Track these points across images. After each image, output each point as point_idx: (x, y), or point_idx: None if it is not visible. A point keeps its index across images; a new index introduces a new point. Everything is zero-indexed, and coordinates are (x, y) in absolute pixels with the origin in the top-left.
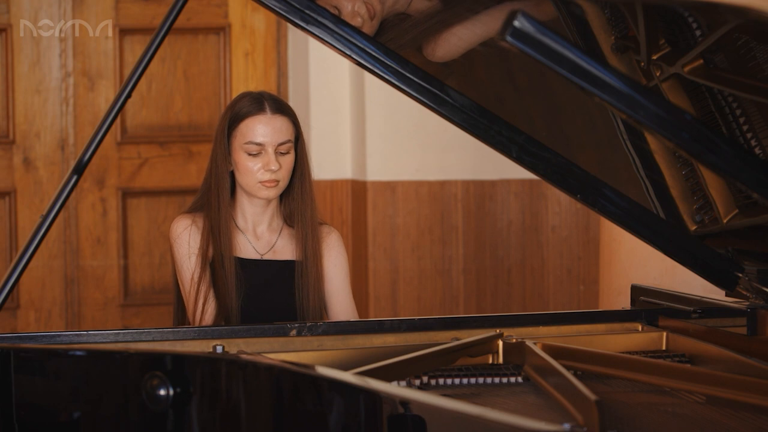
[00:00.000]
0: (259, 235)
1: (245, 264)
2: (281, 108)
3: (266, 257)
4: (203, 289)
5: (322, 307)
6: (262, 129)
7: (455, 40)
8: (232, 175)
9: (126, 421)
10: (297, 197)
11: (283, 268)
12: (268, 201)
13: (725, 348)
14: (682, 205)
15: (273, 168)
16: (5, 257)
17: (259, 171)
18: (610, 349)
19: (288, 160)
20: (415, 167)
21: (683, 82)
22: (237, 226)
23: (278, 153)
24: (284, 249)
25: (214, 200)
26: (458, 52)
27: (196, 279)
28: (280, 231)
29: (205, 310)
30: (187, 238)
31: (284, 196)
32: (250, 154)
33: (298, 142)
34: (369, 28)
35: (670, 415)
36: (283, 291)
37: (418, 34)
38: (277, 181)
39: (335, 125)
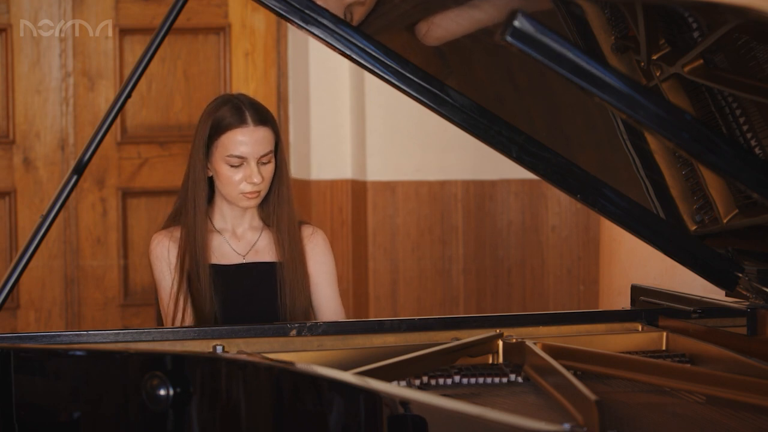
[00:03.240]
0: (240, 235)
1: (225, 270)
2: (262, 118)
3: (248, 258)
4: (181, 299)
5: (308, 308)
6: (245, 143)
7: (448, 23)
8: (211, 177)
9: (126, 421)
10: (273, 201)
11: (265, 270)
12: None
13: (725, 348)
14: (682, 205)
15: (255, 181)
16: (5, 257)
17: (240, 182)
18: (610, 349)
19: (269, 170)
20: (415, 167)
21: (683, 82)
22: (215, 229)
23: (260, 163)
24: (266, 249)
25: (191, 208)
26: (452, 36)
27: (174, 291)
28: (261, 230)
29: (184, 321)
30: (165, 256)
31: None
32: (232, 166)
33: (278, 147)
34: (369, 2)
35: (670, 415)
36: (266, 294)
37: (410, 9)
38: (259, 192)
39: (335, 125)
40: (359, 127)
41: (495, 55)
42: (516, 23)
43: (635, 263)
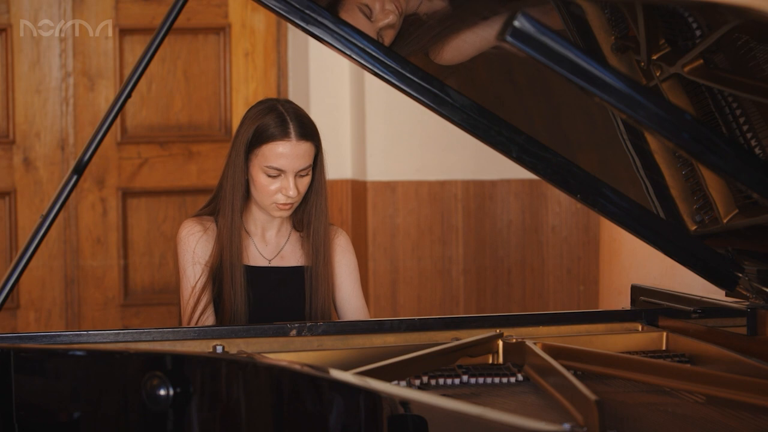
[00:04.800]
0: (268, 239)
1: (253, 272)
2: (305, 133)
3: (274, 263)
4: (204, 299)
5: (330, 311)
6: (285, 156)
7: (461, 44)
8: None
9: (126, 421)
10: (310, 211)
11: (291, 274)
12: None
13: (725, 348)
14: (682, 205)
15: (291, 194)
16: (5, 257)
17: (276, 193)
18: (610, 349)
19: (305, 182)
20: (415, 167)
21: (683, 82)
22: (246, 231)
23: (297, 176)
24: (292, 254)
25: (228, 209)
26: (466, 57)
27: (198, 288)
28: (289, 236)
29: (202, 320)
30: (192, 245)
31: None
32: (269, 176)
33: (318, 159)
34: (398, 25)
35: (670, 415)
36: (291, 297)
37: (429, 40)
38: (292, 204)
39: (335, 125)
40: (359, 127)
41: (495, 55)
42: (516, 23)
43: (635, 263)
